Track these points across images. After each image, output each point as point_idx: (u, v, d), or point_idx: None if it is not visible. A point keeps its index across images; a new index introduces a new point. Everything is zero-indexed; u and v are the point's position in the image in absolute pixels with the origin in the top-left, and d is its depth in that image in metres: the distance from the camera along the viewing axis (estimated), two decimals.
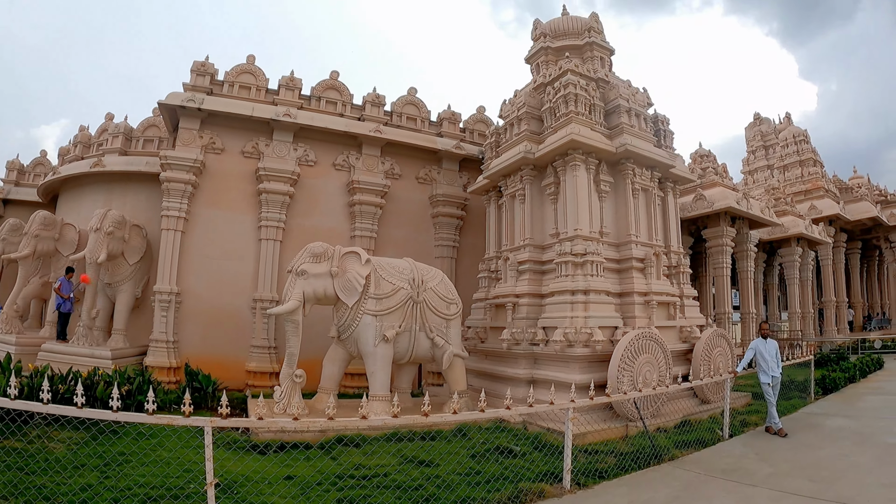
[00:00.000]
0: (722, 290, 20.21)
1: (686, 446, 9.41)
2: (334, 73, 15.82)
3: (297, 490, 6.64)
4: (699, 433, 9.91)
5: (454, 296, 11.96)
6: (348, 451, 8.23)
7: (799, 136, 27.29)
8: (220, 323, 13.87)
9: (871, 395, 13.56)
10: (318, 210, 15.01)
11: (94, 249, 12.84)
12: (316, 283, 10.43)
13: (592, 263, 11.86)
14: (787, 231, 22.41)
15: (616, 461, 8.34)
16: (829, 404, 12.81)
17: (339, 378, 11.25)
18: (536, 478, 7.36)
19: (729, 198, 19.29)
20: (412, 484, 6.91)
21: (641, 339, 11.10)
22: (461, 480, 7.15)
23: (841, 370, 15.26)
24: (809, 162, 26.83)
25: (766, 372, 10.63)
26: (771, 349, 10.71)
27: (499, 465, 7.94)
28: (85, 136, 16.25)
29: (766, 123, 29.80)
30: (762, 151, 29.15)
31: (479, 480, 7.12)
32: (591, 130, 12.60)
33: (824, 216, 25.10)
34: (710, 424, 10.58)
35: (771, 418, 10.40)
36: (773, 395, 10.53)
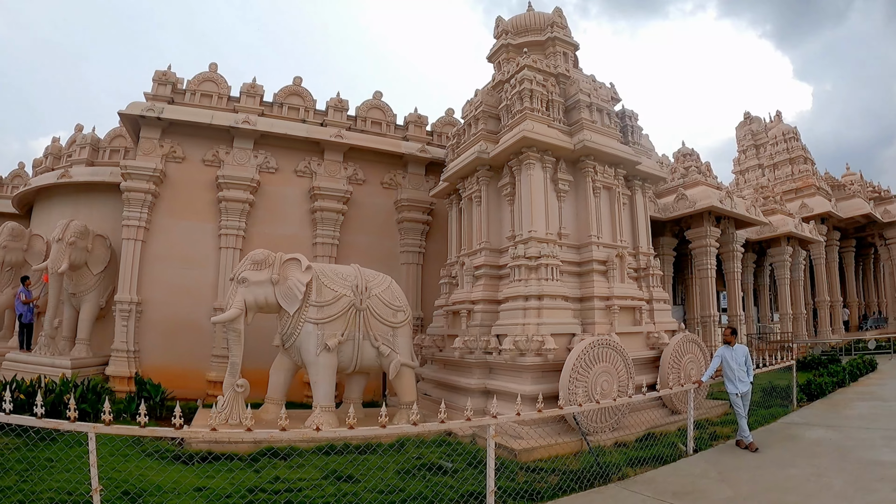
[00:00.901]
0: (707, 292, 18.50)
1: (642, 463, 8.01)
2: (297, 79, 14.68)
3: (200, 502, 6.05)
4: (660, 448, 8.49)
5: (401, 303, 10.71)
6: (275, 464, 7.41)
7: (789, 134, 25.35)
8: (180, 332, 12.88)
9: (860, 402, 11.80)
10: (280, 217, 13.86)
11: (56, 260, 12.15)
12: (257, 290, 9.55)
13: (547, 267, 10.43)
14: (776, 230, 20.58)
15: (558, 480, 7.08)
16: (812, 413, 11.11)
17: (285, 387, 10.22)
18: (460, 498, 6.32)
19: (712, 196, 17.64)
20: (320, 501, 6.16)
21: (597, 346, 9.62)
22: (375, 499, 6.26)
23: (829, 374, 13.48)
24: (800, 160, 24.86)
25: (734, 382, 9.05)
26: (739, 357, 9.12)
27: (424, 483, 6.83)
28: (56, 148, 15.47)
29: (757, 122, 27.83)
30: (753, 151, 27.19)
31: (396, 500, 6.24)
32: (548, 127, 11.21)
33: (816, 214, 23.14)
34: (676, 438, 9.09)
35: (741, 431, 8.86)
36: (742, 407, 8.96)
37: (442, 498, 6.29)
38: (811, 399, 12.20)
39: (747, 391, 9.07)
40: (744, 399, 9.02)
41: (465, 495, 6.33)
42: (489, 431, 6.29)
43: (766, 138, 26.64)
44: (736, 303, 19.43)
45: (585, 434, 8.29)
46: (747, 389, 9.06)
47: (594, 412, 9.22)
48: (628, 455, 8.32)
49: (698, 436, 9.34)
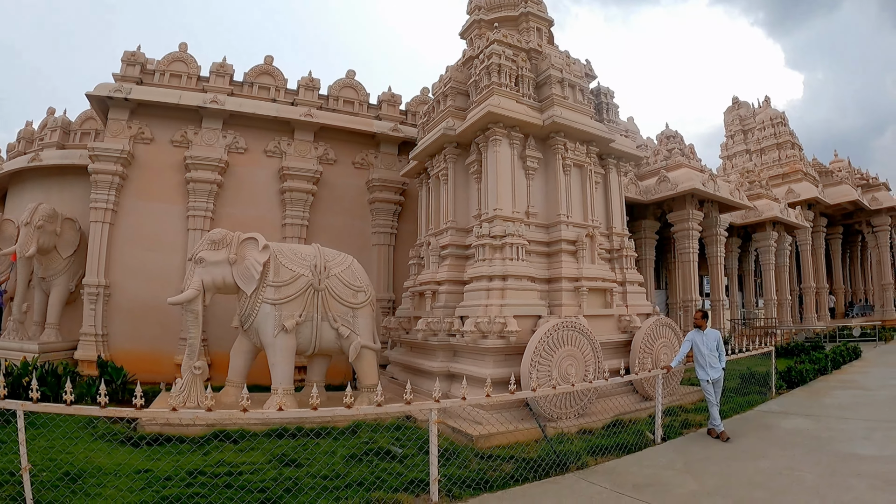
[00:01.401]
0: (688, 276, 17.54)
1: (606, 452, 7.20)
2: (268, 58, 13.75)
3: (139, 484, 5.64)
4: (626, 436, 7.68)
5: (362, 283, 9.87)
6: (224, 447, 6.95)
7: (776, 119, 24.18)
8: (149, 316, 12.09)
9: (841, 390, 10.89)
10: (249, 198, 12.99)
11: (24, 243, 11.45)
12: (214, 271, 8.90)
13: (512, 246, 9.54)
14: (761, 215, 19.55)
15: (513, 469, 6.39)
16: (790, 401, 10.21)
17: (246, 370, 9.53)
18: (402, 486, 5.67)
19: (694, 179, 16.65)
20: (260, 485, 5.62)
21: (562, 329, 8.74)
22: (317, 484, 5.63)
23: (810, 361, 12.55)
24: (787, 145, 23.72)
25: (704, 368, 8.16)
26: (710, 342, 8.23)
27: (371, 468, 6.30)
28: (28, 132, 14.63)
29: (745, 107, 26.60)
30: (741, 136, 26.00)
31: (337, 485, 5.66)
32: (517, 103, 10.28)
33: (802, 200, 22.05)
34: (645, 425, 8.27)
35: (712, 420, 8.03)
36: (713, 395, 8.11)
37: (383, 484, 5.73)
38: (791, 386, 11.30)
39: (719, 378, 8.20)
40: (715, 386, 8.17)
41: (410, 482, 5.71)
42: (431, 416, 5.67)
43: (753, 123, 25.46)
44: (719, 287, 18.48)
45: (541, 420, 7.45)
46: (719, 376, 8.18)
47: (557, 397, 8.37)
48: (592, 443, 7.51)
49: (668, 423, 8.52)
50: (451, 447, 7.08)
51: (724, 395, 10.77)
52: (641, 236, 18.87)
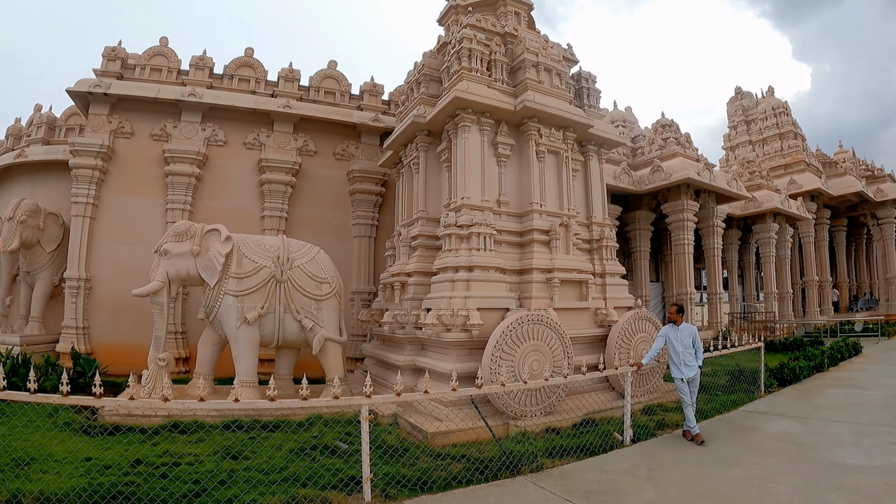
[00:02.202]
0: (683, 268, 16.43)
1: (568, 453, 6.37)
2: (249, 50, 13.06)
3: (79, 471, 5.43)
4: (592, 437, 6.80)
5: (327, 274, 9.20)
6: (174, 438, 6.66)
7: (778, 109, 22.67)
8: (129, 309, 11.48)
9: (835, 389, 9.76)
10: (228, 191, 12.34)
11: (7, 238, 11.11)
12: (179, 262, 8.51)
13: (479, 236, 8.67)
14: (761, 206, 18.25)
15: (461, 469, 5.76)
16: (780, 400, 9.15)
17: (213, 362, 9.13)
18: (337, 483, 5.24)
19: (689, 168, 15.51)
20: (194, 476, 5.34)
21: (527, 323, 7.85)
22: (252, 477, 5.35)
23: (805, 357, 11.38)
24: (790, 135, 22.20)
25: (679, 366, 7.19)
26: (685, 337, 7.24)
27: (311, 463, 5.77)
28: (16, 129, 14.20)
29: (748, 97, 25.00)
30: (744, 126, 24.43)
31: (273, 479, 5.31)
32: (488, 88, 9.39)
33: (804, 191, 20.59)
34: (617, 426, 7.35)
35: (687, 421, 7.06)
36: (689, 394, 7.14)
37: (318, 480, 5.25)
38: (783, 384, 10.21)
39: (695, 377, 7.22)
40: (691, 385, 7.19)
41: (348, 480, 5.25)
42: (363, 412, 5.09)
43: (756, 114, 23.95)
44: (716, 280, 17.28)
45: (485, 418, 6.57)
46: (695, 375, 7.20)
47: (521, 394, 7.50)
48: (554, 443, 6.66)
49: (643, 423, 7.63)
50: (403, 444, 6.51)
51: (709, 393, 9.80)
52: (636, 227, 17.81)
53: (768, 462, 5.87)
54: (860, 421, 7.37)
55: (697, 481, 5.47)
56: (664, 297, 19.62)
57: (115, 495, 4.67)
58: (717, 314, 17.24)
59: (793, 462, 5.82)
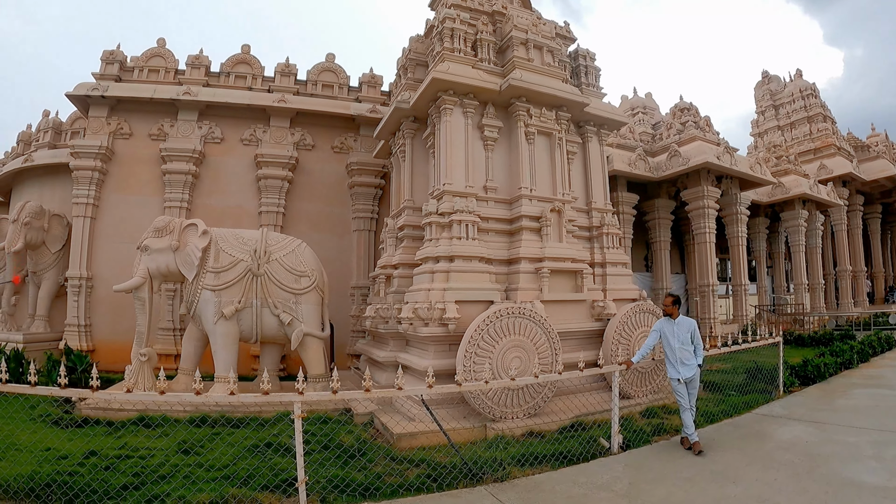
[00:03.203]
0: (705, 258, 15.00)
1: (544, 461, 5.53)
2: (245, 47, 12.55)
3: (36, 460, 5.33)
4: (578, 442, 5.89)
5: (307, 268, 8.57)
6: (138, 431, 6.47)
7: (806, 91, 20.65)
8: (129, 307, 10.92)
9: (862, 389, 8.39)
10: (225, 188, 11.86)
11: (12, 240, 10.95)
12: (159, 258, 8.15)
13: (461, 224, 7.80)
14: (788, 192, 16.54)
15: (417, 475, 5.08)
16: (798, 402, 7.89)
17: (197, 357, 8.67)
18: (282, 483, 4.72)
19: (707, 152, 14.11)
20: (134, 469, 5.06)
21: (507, 316, 6.94)
22: (192, 472, 5.05)
23: (832, 353, 9.93)
24: (818, 118, 20.17)
25: (675, 365, 6.09)
26: (682, 332, 6.10)
27: (261, 462, 5.36)
28: (26, 135, 14.21)
29: (776, 81, 22.94)
30: (772, 111, 22.41)
31: (213, 476, 4.97)
32: (472, 68, 8.52)
33: (835, 176, 18.62)
34: (609, 430, 6.34)
35: (685, 427, 5.99)
36: (686, 397, 6.03)
37: (260, 480, 4.82)
38: (806, 383, 8.89)
39: (693, 377, 6.06)
40: (689, 387, 6.07)
41: (289, 480, 4.71)
42: (295, 410, 4.50)
43: (784, 97, 21.93)
44: (741, 271, 15.74)
45: (438, 422, 5.71)
46: (693, 375, 6.05)
47: (499, 394, 6.62)
48: (531, 449, 5.79)
49: (640, 428, 6.59)
50: (363, 446, 5.97)
51: (722, 392, 8.59)
52: (655, 216, 16.44)
53: (772, 478, 4.80)
54: (885, 427, 6.13)
55: (683, 500, 4.47)
56: (687, 290, 18.14)
57: (50, 483, 4.52)
58: (743, 307, 15.71)
59: (801, 479, 4.73)
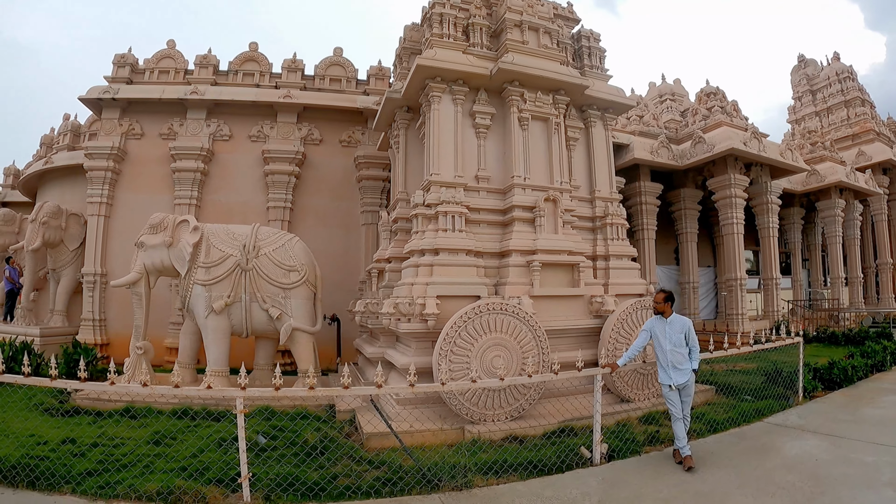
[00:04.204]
0: (732, 250, 13.79)
1: (514, 471, 4.94)
2: (253, 45, 12.29)
3: (14, 444, 5.38)
4: (558, 450, 5.25)
5: (296, 262, 8.23)
6: (117, 421, 6.37)
7: (843, 73, 18.72)
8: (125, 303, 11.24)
9: (893, 396, 7.27)
10: (234, 185, 11.67)
11: (31, 238, 11.14)
12: (154, 254, 8.06)
13: (447, 215, 7.20)
14: (823, 179, 14.98)
15: (373, 478, 4.67)
16: (819, 410, 6.89)
17: (193, 351, 8.55)
18: (228, 478, 4.56)
19: (733, 138, 12.87)
20: (100, 457, 5.06)
21: (487, 312, 6.32)
22: (151, 462, 5.00)
23: (862, 354, 8.73)
24: (856, 102, 18.23)
25: (666, 369, 5.28)
26: (674, 333, 5.26)
27: (223, 456, 5.14)
28: (48, 138, 14.49)
29: (812, 66, 20.93)
30: (809, 97, 20.47)
31: (171, 467, 4.86)
32: (462, 54, 7.88)
33: (874, 163, 16.79)
34: (605, 436, 5.65)
35: (677, 440, 5.19)
36: (678, 405, 5.23)
37: (212, 474, 4.63)
38: (831, 388, 7.82)
39: (687, 383, 5.22)
40: (682, 393, 5.25)
41: (238, 475, 4.41)
42: (237, 405, 4.30)
43: (820, 81, 19.98)
44: (772, 264, 14.39)
45: (389, 422, 5.18)
46: (686, 381, 5.20)
47: (478, 395, 6.02)
48: (504, 457, 5.17)
49: (632, 436, 5.83)
50: (332, 444, 5.55)
51: (736, 396, 7.64)
52: (681, 207, 15.26)
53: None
54: None
55: None
56: (717, 284, 16.82)
57: (16, 466, 4.58)
58: (774, 302, 14.37)
59: None
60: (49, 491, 4.35)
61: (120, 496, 4.25)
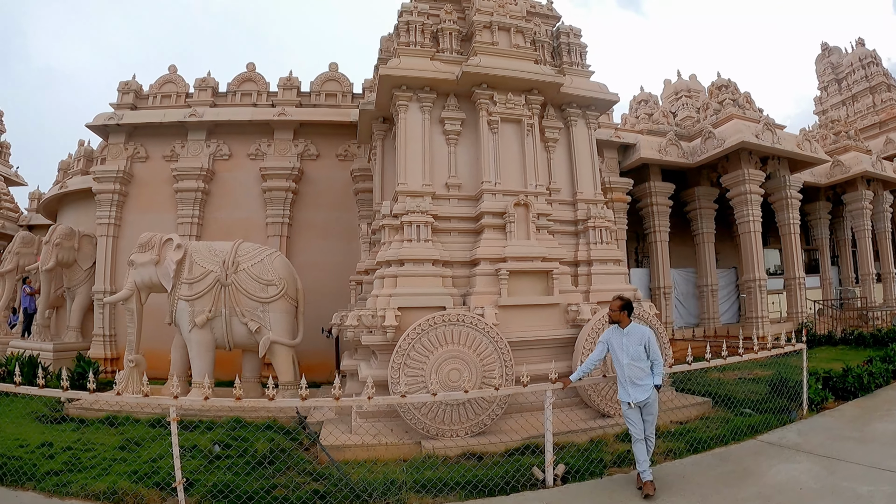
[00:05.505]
0: (749, 250, 12.70)
1: (454, 490, 4.54)
2: (250, 65, 12.32)
3: (2, 446, 5.64)
4: (512, 469, 4.82)
5: (274, 276, 8.10)
6: (98, 428, 6.57)
7: (866, 59, 17.08)
8: (149, 317, 11.06)
9: None
10: (234, 202, 11.65)
11: (45, 259, 11.42)
12: (143, 272, 8.18)
13: (412, 225, 6.79)
14: (848, 170, 13.60)
15: (311, 491, 4.44)
16: (825, 424, 6.00)
17: (184, 363, 8.45)
18: (173, 483, 4.47)
19: (744, 131, 11.86)
20: (65, 458, 5.33)
21: (443, 324, 5.88)
22: (107, 466, 5.14)
23: (883, 359, 7.65)
24: (882, 87, 16.58)
25: (624, 385, 4.65)
26: (631, 345, 4.61)
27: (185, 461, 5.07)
28: (65, 163, 14.93)
29: (837, 53, 19.23)
30: (834, 86, 18.83)
31: (125, 471, 4.95)
32: (430, 60, 7.51)
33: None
34: (575, 453, 5.18)
35: (637, 463, 4.55)
36: (639, 425, 4.58)
37: (160, 478, 4.72)
38: (845, 398, 6.87)
39: (648, 400, 4.55)
40: (644, 412, 4.60)
41: (163, 480, 4.65)
42: (170, 413, 4.34)
43: (844, 68, 18.30)
44: (794, 263, 13.15)
45: (311, 433, 4.82)
46: (647, 398, 4.54)
47: (434, 409, 5.59)
48: (450, 475, 4.72)
49: (598, 456, 5.21)
50: (283, 456, 5.45)
51: (734, 409, 6.81)
52: (696, 206, 14.23)
53: None
54: None
55: None
56: (738, 286, 15.58)
57: None
58: (797, 303, 13.12)
59: None
60: (14, 486, 4.69)
61: (72, 494, 4.52)
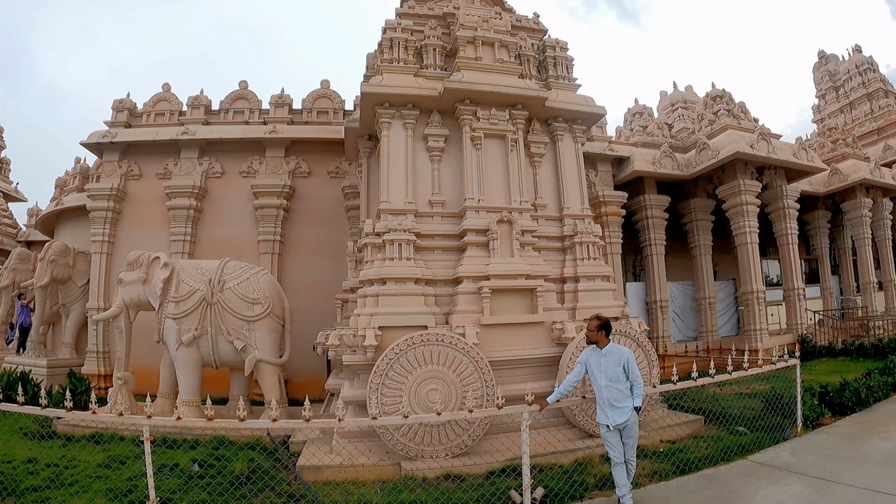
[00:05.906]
0: (747, 262, 12.47)
1: None
2: (243, 83, 12.35)
3: None
4: (489, 493, 4.69)
5: (259, 295, 8.00)
6: (83, 446, 6.44)
7: (863, 65, 16.89)
8: (141, 334, 11.01)
9: None
10: (227, 220, 11.59)
11: (39, 275, 11.43)
12: (131, 290, 8.15)
13: (393, 243, 6.70)
14: (846, 179, 13.38)
15: None
16: (819, 442, 5.77)
17: (172, 381, 8.34)
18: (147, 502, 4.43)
19: (738, 141, 11.70)
20: (51, 476, 5.35)
21: (421, 344, 5.76)
22: (87, 483, 5.12)
23: (882, 371, 7.39)
24: (879, 94, 16.38)
25: (602, 407, 4.49)
26: (609, 367, 4.47)
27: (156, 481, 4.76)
28: (62, 180, 14.87)
29: (834, 61, 19.04)
30: (832, 94, 18.63)
31: (104, 488, 4.98)
32: (414, 77, 7.48)
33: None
34: (558, 477, 5.00)
35: (617, 487, 4.40)
36: (619, 448, 4.43)
37: (135, 496, 4.73)
38: (842, 413, 6.63)
39: (627, 422, 4.40)
40: (623, 435, 4.45)
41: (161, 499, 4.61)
42: (144, 433, 4.34)
43: (841, 75, 18.11)
44: (793, 274, 12.89)
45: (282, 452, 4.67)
46: (627, 420, 4.39)
47: (413, 430, 5.42)
48: (424, 498, 4.67)
49: (581, 478, 5.03)
50: (255, 476, 5.27)
51: (726, 427, 6.58)
52: (692, 218, 14.02)
53: None
54: None
55: None
56: (736, 298, 15.29)
57: None
58: (797, 314, 12.83)
59: None
60: None
61: None
